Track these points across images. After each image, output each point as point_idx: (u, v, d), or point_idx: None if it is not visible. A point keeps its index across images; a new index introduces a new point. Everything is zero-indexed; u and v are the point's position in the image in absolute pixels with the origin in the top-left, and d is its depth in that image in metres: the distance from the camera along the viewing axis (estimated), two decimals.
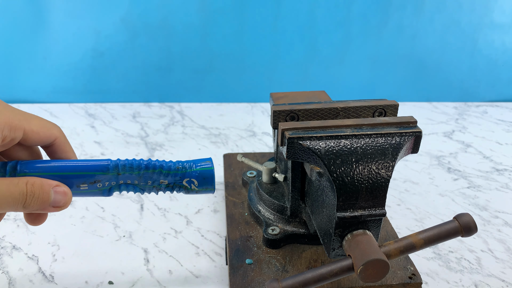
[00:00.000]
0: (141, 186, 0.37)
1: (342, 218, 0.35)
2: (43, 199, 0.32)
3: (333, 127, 0.37)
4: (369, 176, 0.35)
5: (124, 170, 0.36)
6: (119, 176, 0.36)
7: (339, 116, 0.40)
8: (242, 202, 0.55)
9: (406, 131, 0.37)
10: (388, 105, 0.41)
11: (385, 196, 0.35)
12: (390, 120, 0.38)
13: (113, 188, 0.36)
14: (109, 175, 0.35)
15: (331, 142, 0.35)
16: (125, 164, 0.36)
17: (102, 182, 0.35)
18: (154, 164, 0.36)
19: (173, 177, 0.37)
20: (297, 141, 0.36)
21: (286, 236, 0.46)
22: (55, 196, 0.33)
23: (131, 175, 0.36)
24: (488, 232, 0.56)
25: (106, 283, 0.46)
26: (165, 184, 0.37)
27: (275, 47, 0.98)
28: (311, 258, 0.45)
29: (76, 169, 0.35)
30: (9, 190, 0.30)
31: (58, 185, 0.33)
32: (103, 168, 0.35)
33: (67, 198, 0.33)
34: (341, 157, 0.35)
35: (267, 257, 0.45)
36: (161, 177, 0.37)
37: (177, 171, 0.37)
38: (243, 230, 0.49)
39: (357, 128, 0.37)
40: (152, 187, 0.37)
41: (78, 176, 0.35)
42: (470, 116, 0.98)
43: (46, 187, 0.32)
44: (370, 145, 0.36)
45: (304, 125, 0.37)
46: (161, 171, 0.36)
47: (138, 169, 0.36)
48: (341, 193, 0.34)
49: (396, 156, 0.35)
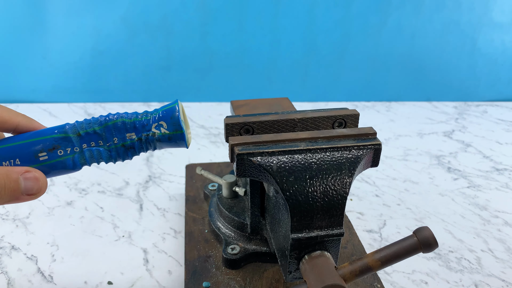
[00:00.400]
0: (108, 148, 0.33)
1: (296, 239, 0.32)
2: (13, 189, 0.29)
3: (286, 141, 0.34)
4: (324, 194, 0.32)
5: (83, 128, 0.33)
6: (79, 137, 0.33)
7: (296, 127, 0.38)
8: (202, 218, 0.52)
9: (364, 143, 0.34)
10: (348, 115, 0.38)
11: (343, 214, 0.33)
12: (347, 132, 0.35)
13: (78, 156, 0.33)
14: (68, 138, 0.33)
15: (283, 157, 0.33)
16: (83, 122, 0.33)
17: (62, 148, 0.32)
18: (114, 115, 0.33)
19: (140, 126, 0.33)
20: (247, 158, 0.33)
21: (246, 255, 0.44)
22: (25, 183, 0.30)
23: (93, 134, 0.33)
24: (488, 232, 0.56)
25: (105, 283, 0.46)
26: (134, 138, 0.33)
27: (275, 47, 0.98)
28: (273, 278, 0.43)
29: (31, 136, 0.32)
30: None
31: (27, 170, 0.30)
32: (60, 130, 0.32)
33: (40, 183, 0.31)
34: (295, 174, 0.32)
35: (226, 279, 0.42)
36: (127, 131, 0.33)
37: (141, 118, 0.33)
38: (202, 250, 0.47)
39: (312, 142, 0.34)
40: (120, 147, 0.34)
41: (34, 143, 0.32)
42: (470, 116, 0.98)
43: (13, 175, 0.29)
44: (325, 160, 0.33)
45: (255, 139, 0.34)
46: (123, 120, 0.33)
47: (97, 123, 0.33)
48: (295, 212, 0.32)
49: (353, 171, 0.33)
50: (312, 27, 0.96)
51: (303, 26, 0.96)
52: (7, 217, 0.56)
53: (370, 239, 0.54)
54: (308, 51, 0.99)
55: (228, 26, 0.95)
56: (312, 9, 0.94)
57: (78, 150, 0.33)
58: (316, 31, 0.97)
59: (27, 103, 0.97)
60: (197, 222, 0.51)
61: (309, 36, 0.97)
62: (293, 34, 0.97)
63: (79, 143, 0.33)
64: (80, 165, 0.34)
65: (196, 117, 0.93)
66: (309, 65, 1.01)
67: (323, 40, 0.98)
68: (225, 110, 0.97)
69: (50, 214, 0.57)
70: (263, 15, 0.94)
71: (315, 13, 0.95)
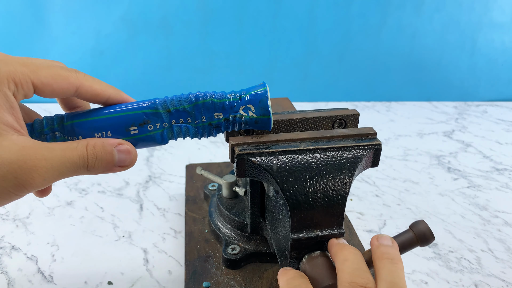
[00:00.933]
0: (195, 125, 0.34)
1: (297, 239, 0.32)
2: (108, 160, 0.31)
3: (286, 141, 0.34)
4: (324, 194, 0.32)
5: (173, 105, 0.33)
6: (169, 114, 0.33)
7: (296, 127, 0.38)
8: (202, 217, 0.52)
9: (364, 144, 0.34)
10: (348, 115, 0.38)
11: (343, 214, 0.33)
12: (347, 132, 0.35)
13: (166, 131, 0.34)
14: (158, 113, 0.33)
15: (283, 157, 0.33)
16: (173, 98, 0.33)
17: (152, 123, 0.33)
18: (204, 94, 0.34)
19: (228, 107, 0.34)
20: (247, 158, 0.33)
21: (246, 255, 0.44)
22: (119, 156, 0.31)
23: (183, 112, 0.33)
24: (488, 232, 0.56)
25: (106, 283, 0.46)
26: (221, 118, 0.34)
27: (275, 46, 0.98)
28: (273, 278, 0.43)
29: (122, 110, 0.33)
30: (65, 156, 0.29)
31: (120, 143, 0.32)
32: (150, 106, 0.33)
33: (132, 156, 0.32)
34: (295, 174, 0.32)
35: (226, 279, 0.42)
36: (215, 110, 0.34)
37: (229, 99, 0.34)
38: (202, 250, 0.47)
39: (312, 142, 0.34)
40: (207, 125, 0.34)
41: (125, 117, 0.33)
42: (470, 116, 0.98)
43: (108, 147, 0.31)
44: (326, 160, 0.33)
45: (256, 139, 0.34)
46: (212, 100, 0.33)
47: (187, 101, 0.33)
48: (295, 212, 0.32)
49: (353, 171, 0.33)
50: (312, 27, 0.96)
51: (303, 26, 0.96)
52: (7, 217, 0.56)
53: (370, 239, 0.54)
54: (308, 51, 0.99)
55: (228, 26, 0.95)
56: (312, 9, 0.94)
57: (167, 125, 0.34)
58: (316, 31, 0.97)
59: (27, 103, 0.97)
60: (197, 222, 0.51)
61: (309, 36, 0.97)
62: (293, 34, 0.97)
63: (168, 119, 0.34)
64: (168, 140, 0.34)
65: None
66: (309, 65, 1.01)
67: (323, 40, 0.98)
68: None
69: (50, 214, 0.57)
70: (263, 15, 0.94)
71: (315, 13, 0.95)
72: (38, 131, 0.33)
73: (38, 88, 0.30)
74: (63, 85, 0.31)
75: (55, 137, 0.33)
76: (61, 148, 0.29)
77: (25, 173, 0.27)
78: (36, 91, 0.30)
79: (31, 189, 0.28)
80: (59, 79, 0.30)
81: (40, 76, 0.29)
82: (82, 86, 0.32)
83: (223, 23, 0.94)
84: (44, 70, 0.30)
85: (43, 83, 0.30)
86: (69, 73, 0.31)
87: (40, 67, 0.30)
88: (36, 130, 0.33)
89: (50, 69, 0.30)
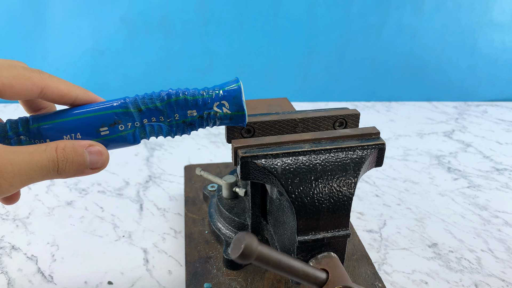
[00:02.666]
0: (168, 123, 0.33)
1: (303, 242, 0.32)
2: (79, 163, 0.29)
3: (290, 142, 0.34)
4: (330, 195, 0.32)
5: (145, 103, 0.32)
6: (140, 112, 0.32)
7: (297, 127, 0.38)
8: (202, 218, 0.52)
9: (368, 143, 0.34)
10: (349, 114, 0.38)
11: (349, 215, 0.33)
12: (350, 132, 0.35)
13: (138, 130, 0.33)
14: (129, 113, 0.32)
15: (288, 159, 0.32)
16: (144, 96, 0.32)
17: (123, 123, 0.32)
18: (176, 92, 0.33)
19: (202, 104, 0.33)
20: (251, 160, 0.32)
21: None
22: (90, 158, 0.30)
23: (155, 110, 0.32)
24: (488, 232, 0.56)
25: (106, 283, 0.46)
26: (195, 116, 0.33)
27: (275, 46, 0.98)
28: (274, 279, 0.43)
29: (92, 110, 0.32)
30: (33, 159, 0.27)
31: (91, 144, 0.30)
32: (121, 105, 0.32)
33: (104, 157, 0.31)
34: (300, 176, 0.32)
35: (227, 280, 0.42)
36: (188, 108, 0.33)
37: (203, 96, 0.33)
38: (203, 251, 0.47)
39: (315, 143, 0.34)
40: (181, 123, 0.33)
41: (95, 118, 0.32)
42: (470, 116, 0.98)
43: (79, 149, 0.30)
44: (330, 161, 0.33)
45: (259, 141, 0.34)
46: (185, 97, 0.33)
47: (159, 99, 0.32)
48: (301, 214, 0.32)
49: (358, 172, 0.33)
50: (312, 27, 0.96)
51: (303, 26, 0.96)
52: (7, 217, 0.56)
53: (370, 239, 0.54)
54: (308, 51, 0.99)
55: (228, 26, 0.95)
56: (312, 9, 0.94)
57: (138, 125, 0.33)
58: (316, 31, 0.97)
59: None
60: (197, 223, 0.51)
61: (309, 36, 0.97)
62: (293, 34, 0.97)
63: (140, 118, 0.33)
64: (140, 139, 0.34)
65: None
66: (309, 65, 1.01)
67: (323, 40, 0.98)
68: None
69: (50, 214, 0.57)
70: (263, 15, 0.94)
71: (315, 13, 0.95)
72: (1, 135, 0.32)
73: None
74: (27, 86, 0.29)
75: (20, 141, 0.32)
76: (28, 152, 0.27)
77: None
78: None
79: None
80: (22, 80, 0.29)
81: (0, 77, 0.28)
82: (47, 87, 0.31)
83: (223, 23, 0.94)
84: (4, 71, 0.28)
85: (4, 84, 0.28)
86: (33, 74, 0.30)
87: (0, 68, 0.28)
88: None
89: (12, 70, 0.29)
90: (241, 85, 0.34)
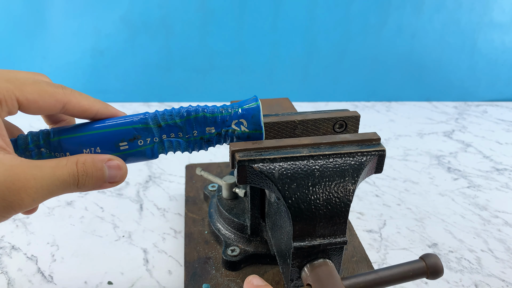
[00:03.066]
0: (187, 139, 0.34)
1: (298, 248, 0.32)
2: (98, 177, 0.30)
3: (288, 146, 0.33)
4: (327, 201, 0.32)
5: (164, 119, 0.32)
6: (160, 128, 0.33)
7: (297, 129, 0.37)
8: (202, 218, 0.52)
9: (368, 150, 0.33)
10: (349, 116, 0.38)
11: (346, 222, 0.32)
12: (351, 137, 0.35)
13: (157, 146, 0.33)
14: (149, 128, 0.32)
15: (285, 164, 0.32)
16: (164, 113, 0.33)
17: (143, 138, 0.33)
18: (196, 109, 0.33)
19: (220, 121, 0.34)
20: (249, 164, 0.32)
21: (246, 257, 0.43)
22: (109, 172, 0.30)
23: (174, 126, 0.33)
24: (488, 232, 0.56)
25: (106, 283, 0.46)
26: (213, 132, 0.34)
27: (275, 46, 0.98)
28: (273, 280, 0.42)
29: (112, 125, 0.32)
30: (54, 174, 0.27)
31: (110, 159, 0.31)
32: (141, 120, 0.32)
33: (122, 171, 0.31)
34: (297, 181, 0.32)
35: (225, 281, 0.42)
36: (207, 125, 0.33)
37: (222, 113, 0.33)
38: (202, 251, 0.46)
39: (314, 148, 0.33)
40: (198, 139, 0.34)
41: (115, 133, 0.32)
42: (470, 116, 0.98)
43: (98, 163, 0.30)
44: (328, 166, 0.32)
45: (257, 145, 0.33)
46: (204, 115, 0.33)
47: (179, 116, 0.33)
48: (297, 220, 0.31)
49: (357, 178, 0.32)
50: (312, 27, 0.96)
51: (303, 26, 0.96)
52: None
53: (370, 239, 0.54)
54: (308, 51, 0.99)
55: (228, 26, 0.95)
56: (312, 9, 0.94)
57: (157, 140, 0.33)
58: (316, 31, 0.97)
59: None
60: (197, 223, 0.51)
61: (309, 36, 0.97)
62: (293, 34, 0.97)
63: (159, 134, 0.33)
64: (158, 154, 0.34)
65: None
66: (309, 65, 1.01)
67: (323, 40, 0.98)
68: None
69: (50, 214, 0.57)
70: (263, 15, 0.94)
71: (315, 13, 0.94)
72: (23, 147, 0.32)
73: (23, 105, 0.29)
74: (50, 102, 0.30)
75: (40, 153, 0.32)
76: (50, 166, 0.28)
77: (13, 194, 0.26)
78: (21, 108, 0.29)
79: (20, 210, 0.27)
80: (46, 96, 0.29)
81: (25, 92, 0.28)
82: (69, 103, 0.31)
83: (223, 23, 0.94)
84: (29, 87, 0.29)
85: (29, 100, 0.28)
86: (56, 89, 0.30)
87: (25, 83, 0.29)
88: (20, 146, 0.32)
89: (36, 85, 0.29)
90: (259, 104, 0.34)
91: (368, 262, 0.45)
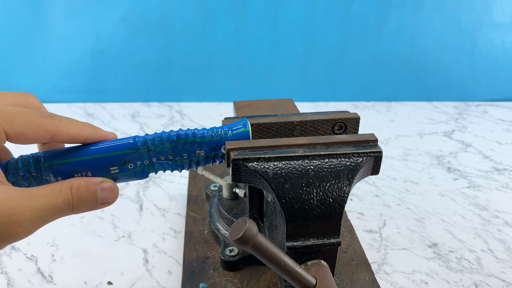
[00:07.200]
0: (177, 162, 0.34)
1: (292, 248, 0.32)
2: (92, 200, 0.30)
3: (284, 146, 0.33)
4: (321, 202, 0.31)
5: (154, 144, 0.33)
6: (150, 152, 0.33)
7: (295, 130, 0.37)
8: (203, 218, 0.52)
9: (364, 151, 0.33)
10: (348, 118, 0.37)
11: (340, 223, 0.32)
12: (347, 138, 0.34)
13: (147, 168, 0.34)
14: (139, 153, 0.33)
15: (280, 163, 0.32)
16: (154, 137, 0.33)
17: (133, 162, 0.33)
18: (185, 134, 0.33)
19: (209, 146, 0.34)
20: (243, 163, 0.32)
21: (244, 258, 0.43)
22: (102, 194, 0.31)
23: (163, 150, 0.33)
24: (488, 232, 0.56)
25: (105, 284, 0.46)
26: (202, 155, 0.34)
27: (275, 46, 0.98)
28: (270, 282, 0.42)
29: (103, 151, 0.32)
30: (49, 203, 0.28)
31: (102, 181, 0.31)
32: (131, 146, 0.33)
33: (114, 193, 0.32)
34: (291, 181, 0.31)
35: (223, 281, 0.42)
36: (196, 148, 0.34)
37: (212, 138, 0.34)
38: (201, 250, 0.46)
39: (310, 148, 0.33)
40: (189, 161, 0.34)
41: (106, 158, 0.32)
42: (470, 116, 0.98)
43: (92, 187, 0.30)
44: (323, 167, 0.32)
45: (252, 144, 0.33)
46: (194, 140, 0.33)
47: (169, 141, 0.33)
48: (290, 220, 0.31)
49: (352, 179, 0.32)
50: (312, 27, 0.96)
51: (303, 26, 0.96)
52: None
53: (370, 239, 0.54)
54: (308, 51, 0.99)
55: (228, 26, 0.95)
56: (312, 9, 0.94)
57: (147, 163, 0.34)
58: (316, 31, 0.97)
59: None
60: (198, 223, 0.51)
61: (309, 36, 0.97)
62: (293, 34, 0.97)
63: (149, 157, 0.33)
64: (148, 174, 0.34)
65: (196, 117, 0.93)
66: (309, 65, 1.01)
67: (323, 40, 0.98)
68: (225, 110, 0.97)
69: None
70: (263, 15, 0.94)
71: (315, 13, 0.94)
72: (14, 172, 0.32)
73: (11, 137, 0.28)
74: (38, 133, 0.29)
75: (32, 177, 0.32)
76: (45, 195, 0.28)
77: (9, 228, 0.25)
78: (9, 139, 0.29)
79: (14, 241, 0.27)
80: (34, 128, 0.29)
81: (13, 125, 0.28)
82: (58, 133, 0.31)
83: (223, 23, 0.94)
84: (18, 119, 0.28)
85: (17, 133, 0.28)
86: (44, 120, 0.30)
87: (14, 116, 0.28)
88: (11, 171, 0.32)
89: (25, 117, 0.29)
90: (249, 129, 0.34)
91: (368, 266, 0.45)
